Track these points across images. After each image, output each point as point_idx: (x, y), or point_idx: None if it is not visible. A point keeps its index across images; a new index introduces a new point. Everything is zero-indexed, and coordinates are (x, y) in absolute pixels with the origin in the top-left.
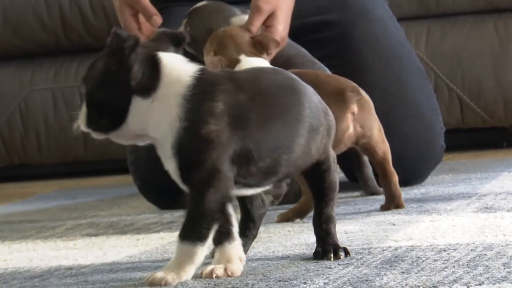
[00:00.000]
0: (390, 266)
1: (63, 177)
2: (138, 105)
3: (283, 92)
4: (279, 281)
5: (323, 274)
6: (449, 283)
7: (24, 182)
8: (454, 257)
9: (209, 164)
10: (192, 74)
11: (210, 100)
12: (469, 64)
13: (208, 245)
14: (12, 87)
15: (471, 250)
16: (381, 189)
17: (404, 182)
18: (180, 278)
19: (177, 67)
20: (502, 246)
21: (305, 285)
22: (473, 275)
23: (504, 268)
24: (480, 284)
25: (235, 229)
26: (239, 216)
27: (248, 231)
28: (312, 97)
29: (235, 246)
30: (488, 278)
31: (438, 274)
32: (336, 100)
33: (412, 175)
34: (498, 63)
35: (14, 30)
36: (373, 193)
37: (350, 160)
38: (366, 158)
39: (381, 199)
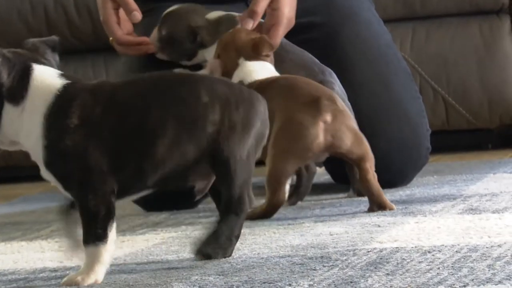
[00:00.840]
0: (375, 268)
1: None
2: (9, 111)
3: (142, 99)
4: (264, 282)
5: (308, 276)
6: (434, 285)
7: (8, 184)
8: (439, 258)
9: (76, 174)
10: (55, 91)
11: (64, 117)
12: (454, 65)
13: (111, 242)
14: None
15: (456, 251)
16: None
17: (390, 184)
18: (90, 278)
19: (46, 82)
20: (487, 247)
21: (289, 287)
22: (458, 276)
23: (489, 270)
24: (464, 286)
25: None
26: None
27: None
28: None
29: None
30: (472, 279)
31: (423, 276)
32: (310, 107)
33: (398, 176)
34: (483, 65)
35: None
36: (360, 194)
37: (337, 161)
38: None
39: (366, 201)
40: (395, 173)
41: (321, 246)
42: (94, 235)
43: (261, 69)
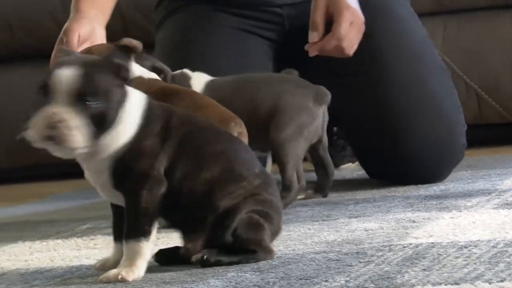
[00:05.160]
0: (411, 263)
1: (79, 177)
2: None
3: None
4: (300, 279)
5: (344, 272)
6: (471, 280)
7: (38, 182)
8: (475, 253)
9: (141, 171)
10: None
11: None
12: (486, 59)
13: (152, 241)
14: (28, 87)
15: (492, 246)
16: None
17: (425, 180)
18: (133, 273)
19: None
20: None
21: (326, 283)
22: (495, 271)
23: None
24: (502, 281)
25: None
26: None
27: None
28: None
29: None
30: (510, 274)
31: (460, 271)
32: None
33: (433, 173)
34: None
35: (29, 30)
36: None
37: (371, 157)
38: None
39: (401, 196)
40: (430, 170)
41: (357, 242)
42: (140, 231)
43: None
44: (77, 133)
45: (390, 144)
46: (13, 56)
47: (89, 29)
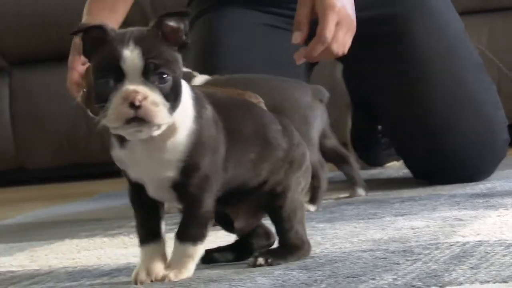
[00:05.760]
0: (459, 262)
1: None
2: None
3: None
4: (347, 277)
5: (392, 270)
6: None
7: (87, 181)
8: None
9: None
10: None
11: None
12: None
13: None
14: None
15: None
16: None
17: (467, 179)
18: (182, 275)
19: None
20: None
21: (374, 281)
22: None
23: None
24: None
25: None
26: None
27: None
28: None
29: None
30: None
31: (508, 269)
32: None
33: (475, 171)
34: None
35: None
36: None
37: (416, 156)
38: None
39: (447, 195)
40: (472, 168)
41: (403, 240)
42: (198, 235)
43: None
44: (162, 108)
45: (430, 143)
46: (60, 56)
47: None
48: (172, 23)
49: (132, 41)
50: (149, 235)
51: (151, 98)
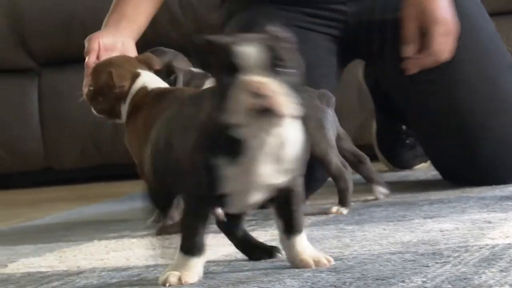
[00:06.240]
0: (488, 264)
1: None
2: None
3: None
4: (377, 279)
5: (421, 273)
6: None
7: (114, 182)
8: None
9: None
10: None
11: None
12: None
13: None
14: None
15: None
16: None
17: (499, 182)
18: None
19: None
20: None
21: (403, 284)
22: None
23: None
24: None
25: None
26: None
27: None
28: None
29: None
30: None
31: None
32: None
33: (508, 174)
34: None
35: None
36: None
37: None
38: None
39: (476, 197)
40: (505, 171)
41: (432, 242)
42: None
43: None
44: (288, 99)
45: (462, 144)
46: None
47: (112, 39)
48: (276, 30)
49: (250, 39)
50: (197, 248)
51: (275, 87)
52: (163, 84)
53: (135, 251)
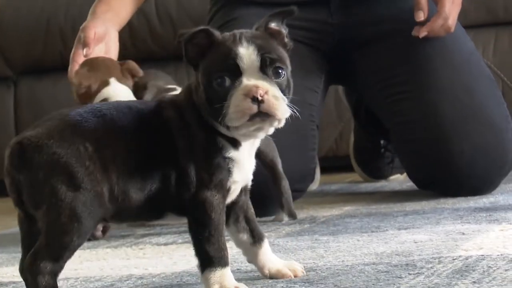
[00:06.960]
0: (461, 276)
1: None
2: None
3: None
4: None
5: (394, 284)
6: None
7: None
8: None
9: None
10: None
11: None
12: None
13: None
14: None
15: None
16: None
17: (474, 190)
18: None
19: None
20: None
21: None
22: None
23: None
24: None
25: None
26: None
27: None
28: None
29: None
30: None
31: (510, 284)
32: None
33: (482, 182)
34: None
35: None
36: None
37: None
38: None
39: (450, 208)
40: (480, 179)
41: (406, 253)
42: None
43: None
44: (282, 102)
45: (439, 153)
46: (64, 66)
47: (104, 28)
48: (275, 26)
49: (244, 39)
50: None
51: (271, 92)
52: (128, 98)
53: (109, 261)
